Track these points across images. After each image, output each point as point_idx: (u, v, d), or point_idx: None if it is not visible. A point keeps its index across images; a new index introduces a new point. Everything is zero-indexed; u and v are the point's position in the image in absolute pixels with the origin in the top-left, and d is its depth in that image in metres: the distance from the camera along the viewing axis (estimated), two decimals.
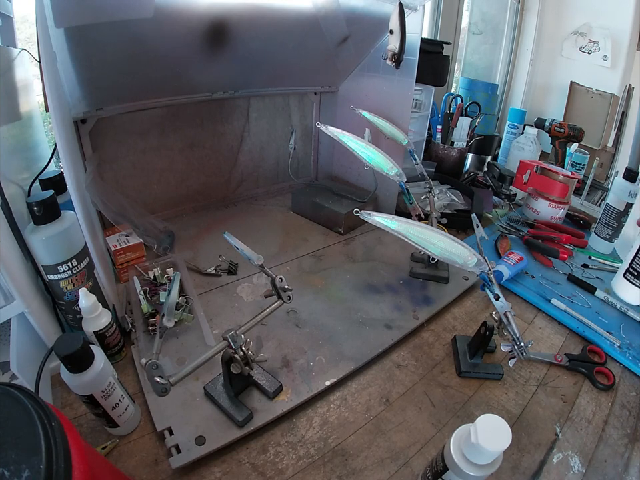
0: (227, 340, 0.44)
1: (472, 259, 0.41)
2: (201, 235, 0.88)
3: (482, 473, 0.34)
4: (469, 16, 1.45)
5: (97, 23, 0.53)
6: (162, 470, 0.43)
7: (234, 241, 0.47)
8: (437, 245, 0.41)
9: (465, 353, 0.59)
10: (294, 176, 1.07)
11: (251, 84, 0.91)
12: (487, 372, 0.57)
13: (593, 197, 1.31)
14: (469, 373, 0.57)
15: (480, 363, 0.58)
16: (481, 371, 0.57)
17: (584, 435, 0.50)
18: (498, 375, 0.57)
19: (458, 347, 0.60)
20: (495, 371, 0.57)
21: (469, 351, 0.59)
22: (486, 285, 0.41)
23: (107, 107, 0.72)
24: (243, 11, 0.66)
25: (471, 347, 0.59)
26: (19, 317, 0.47)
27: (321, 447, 0.47)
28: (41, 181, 0.60)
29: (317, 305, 0.68)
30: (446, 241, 0.41)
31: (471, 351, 0.58)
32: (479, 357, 0.57)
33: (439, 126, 1.19)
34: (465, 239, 0.93)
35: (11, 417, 0.23)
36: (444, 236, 0.41)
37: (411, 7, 0.76)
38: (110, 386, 0.42)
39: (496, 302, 0.40)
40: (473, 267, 0.40)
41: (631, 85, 1.26)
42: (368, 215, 0.41)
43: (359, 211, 0.42)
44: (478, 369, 0.57)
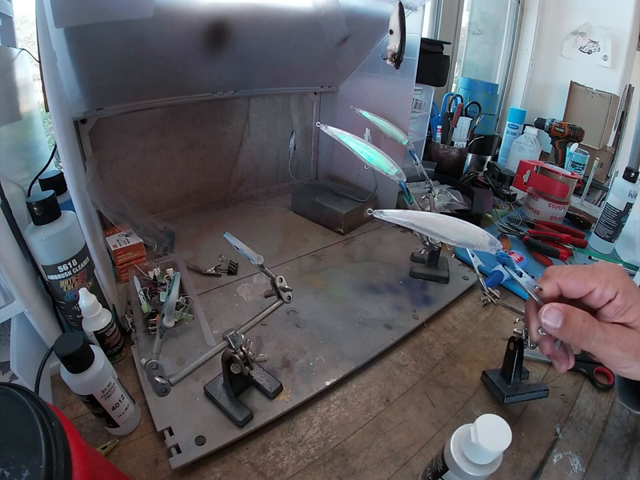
0: (227, 340, 0.44)
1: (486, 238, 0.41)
2: (201, 235, 0.88)
3: (482, 472, 0.34)
4: (469, 16, 1.45)
5: (97, 23, 0.53)
6: (162, 470, 0.43)
7: (234, 241, 0.47)
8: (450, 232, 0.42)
9: (501, 382, 0.54)
10: (294, 176, 1.07)
11: (251, 84, 0.91)
12: (531, 391, 0.52)
13: (593, 197, 1.31)
14: (514, 397, 0.51)
15: (520, 385, 0.53)
16: (525, 391, 0.52)
17: (584, 435, 0.50)
18: (544, 392, 0.53)
19: (492, 379, 0.55)
20: (539, 389, 0.53)
21: (504, 378, 0.54)
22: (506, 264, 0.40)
23: (106, 107, 0.72)
24: (243, 11, 0.66)
25: (505, 372, 0.54)
26: (19, 317, 0.47)
27: (321, 446, 0.47)
28: (41, 181, 0.60)
29: (317, 305, 0.68)
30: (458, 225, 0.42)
31: (507, 375, 0.53)
32: (517, 378, 0.53)
33: (439, 126, 1.19)
34: None
35: (11, 417, 0.23)
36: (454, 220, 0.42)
37: (411, 7, 0.76)
38: (110, 386, 0.42)
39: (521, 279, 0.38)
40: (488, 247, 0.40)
41: (631, 84, 1.26)
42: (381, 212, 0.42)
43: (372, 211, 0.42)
44: (522, 390, 0.52)
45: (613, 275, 0.35)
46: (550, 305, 0.35)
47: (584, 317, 0.34)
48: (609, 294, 0.35)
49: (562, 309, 0.35)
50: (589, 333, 0.34)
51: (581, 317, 0.34)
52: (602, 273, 0.36)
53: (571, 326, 0.34)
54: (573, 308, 0.35)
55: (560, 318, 0.34)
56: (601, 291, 0.35)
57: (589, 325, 0.34)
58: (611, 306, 0.35)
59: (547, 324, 0.35)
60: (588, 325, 0.34)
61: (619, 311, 0.35)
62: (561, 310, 0.35)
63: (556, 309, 0.35)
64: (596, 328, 0.34)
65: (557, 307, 0.35)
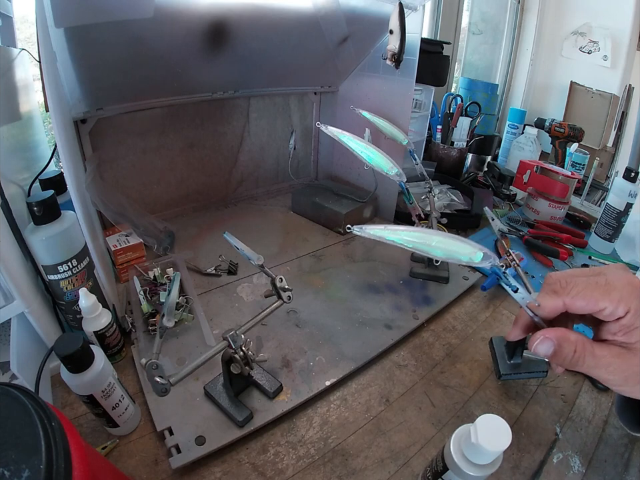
0: (227, 340, 0.44)
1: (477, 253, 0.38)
2: (201, 235, 0.88)
3: (482, 472, 0.34)
4: (469, 16, 1.45)
5: (97, 23, 0.53)
6: (162, 470, 0.43)
7: (234, 241, 0.47)
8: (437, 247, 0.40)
9: (502, 355, 0.53)
10: (294, 176, 1.07)
11: (251, 84, 0.91)
12: (529, 371, 0.51)
13: (593, 197, 1.31)
14: (509, 375, 0.51)
15: (520, 363, 0.52)
16: (522, 371, 0.51)
17: (584, 435, 0.50)
18: (542, 373, 0.51)
19: (495, 349, 0.54)
20: (537, 369, 0.51)
21: (507, 352, 0.53)
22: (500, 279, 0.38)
23: (107, 107, 0.72)
24: (243, 11, 0.66)
25: (508, 347, 0.53)
26: (19, 317, 0.47)
27: (321, 446, 0.47)
28: (41, 181, 0.60)
29: (317, 305, 0.68)
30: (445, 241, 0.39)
31: (509, 351, 0.52)
32: (518, 356, 0.52)
33: (439, 126, 1.19)
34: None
35: (11, 417, 0.23)
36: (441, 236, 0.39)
37: (411, 7, 0.76)
38: (110, 386, 0.42)
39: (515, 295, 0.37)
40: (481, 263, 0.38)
41: (631, 84, 1.26)
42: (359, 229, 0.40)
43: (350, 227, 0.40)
44: (519, 369, 0.51)
45: (627, 292, 0.34)
46: (543, 336, 0.35)
47: (576, 346, 0.34)
48: (619, 312, 0.34)
49: (554, 339, 0.34)
50: (578, 361, 0.34)
51: (573, 348, 0.34)
52: (615, 291, 0.34)
53: (561, 356, 0.34)
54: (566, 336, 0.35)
55: (551, 348, 0.34)
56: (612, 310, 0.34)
57: (579, 355, 0.34)
58: (617, 324, 0.34)
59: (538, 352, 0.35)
60: (578, 355, 0.34)
61: (623, 330, 0.34)
62: (553, 341, 0.34)
63: (549, 340, 0.35)
64: (586, 356, 0.34)
65: (550, 338, 0.34)
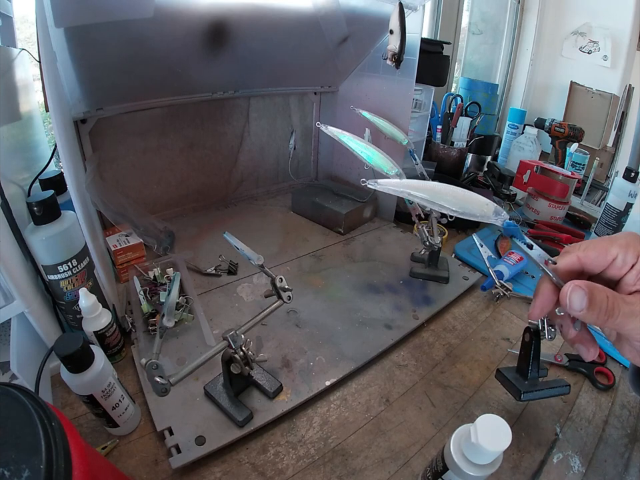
0: (227, 340, 0.44)
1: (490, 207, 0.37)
2: (201, 235, 0.88)
3: (482, 472, 0.34)
4: (469, 16, 1.45)
5: (97, 23, 0.54)
6: (162, 470, 0.43)
7: (234, 241, 0.47)
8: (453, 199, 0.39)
9: (517, 379, 0.49)
10: (294, 176, 1.07)
11: (251, 84, 0.91)
12: (550, 387, 0.48)
13: (593, 197, 1.31)
14: (532, 394, 0.47)
15: (538, 380, 0.48)
16: (543, 387, 0.47)
17: (584, 435, 0.50)
18: (565, 388, 0.48)
19: (507, 376, 0.50)
20: (559, 384, 0.48)
21: (520, 374, 0.49)
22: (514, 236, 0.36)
23: (107, 107, 0.72)
24: (243, 11, 0.66)
25: (520, 368, 0.50)
26: (19, 317, 0.47)
27: (321, 446, 0.47)
28: (41, 181, 0.60)
29: (317, 305, 0.68)
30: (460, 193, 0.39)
31: (523, 371, 0.49)
32: (534, 372, 0.48)
33: (439, 126, 1.19)
34: (464, 239, 0.93)
35: (11, 416, 0.23)
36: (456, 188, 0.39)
37: (411, 7, 0.76)
38: (110, 386, 0.42)
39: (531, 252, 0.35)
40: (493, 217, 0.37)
41: (631, 84, 1.26)
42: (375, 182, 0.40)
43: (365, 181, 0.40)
44: (540, 386, 0.47)
45: (632, 239, 0.33)
46: (573, 284, 0.32)
47: (607, 292, 0.32)
48: (630, 259, 0.32)
49: (585, 287, 0.31)
50: (614, 309, 0.31)
51: (605, 294, 0.31)
52: (620, 239, 0.33)
53: (596, 305, 0.31)
54: (595, 284, 0.32)
55: (585, 297, 0.31)
56: (623, 257, 0.33)
57: (613, 301, 0.31)
58: (633, 271, 0.33)
59: (573, 305, 0.32)
60: (612, 301, 0.31)
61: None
62: (584, 289, 0.31)
63: (579, 287, 0.31)
64: (620, 302, 0.31)
65: (580, 286, 0.31)
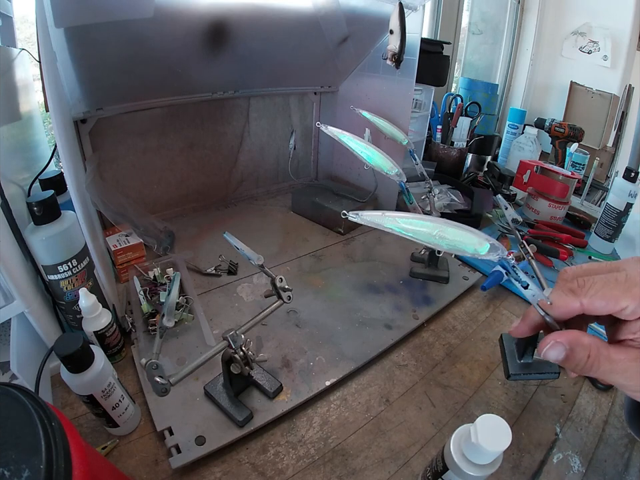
0: (227, 340, 0.44)
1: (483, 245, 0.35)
2: (201, 235, 0.88)
3: (482, 472, 0.34)
4: (469, 16, 1.45)
5: (97, 23, 0.54)
6: (162, 470, 0.43)
7: (234, 241, 0.47)
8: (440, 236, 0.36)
9: (512, 353, 0.50)
10: (294, 176, 1.07)
11: (251, 84, 0.91)
12: (540, 372, 0.48)
13: (593, 197, 1.31)
14: (519, 376, 0.48)
15: (532, 363, 0.49)
16: (532, 371, 0.48)
17: (584, 435, 0.50)
18: (554, 374, 0.48)
19: (505, 346, 0.51)
20: (550, 370, 0.48)
21: (517, 351, 0.50)
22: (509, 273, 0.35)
23: (106, 107, 0.72)
24: (243, 11, 0.66)
25: (519, 345, 0.50)
26: (19, 317, 0.47)
27: (321, 446, 0.47)
28: (41, 181, 0.60)
29: (317, 305, 0.68)
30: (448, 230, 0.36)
31: (520, 349, 0.49)
32: (529, 355, 0.49)
33: (439, 126, 1.19)
34: None
35: (11, 416, 0.23)
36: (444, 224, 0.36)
37: (411, 7, 0.76)
38: (110, 386, 0.42)
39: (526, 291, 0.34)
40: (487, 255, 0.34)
41: (631, 84, 1.26)
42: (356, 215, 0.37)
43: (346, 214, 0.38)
44: (529, 369, 0.48)
45: None
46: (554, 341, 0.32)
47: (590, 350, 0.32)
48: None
49: (566, 344, 0.31)
50: (592, 367, 0.31)
51: (586, 352, 0.31)
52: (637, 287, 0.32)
53: (573, 361, 0.32)
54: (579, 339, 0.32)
55: (562, 354, 0.32)
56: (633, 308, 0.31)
57: (593, 360, 0.31)
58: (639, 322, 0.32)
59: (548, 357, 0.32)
60: (592, 360, 0.31)
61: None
62: (565, 345, 0.31)
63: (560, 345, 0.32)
64: (601, 361, 0.31)
65: (561, 343, 0.32)
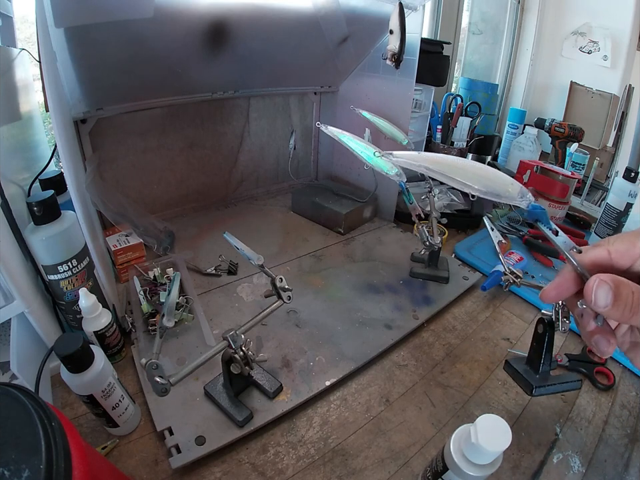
0: (227, 340, 0.44)
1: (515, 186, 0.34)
2: (201, 235, 0.88)
3: (482, 473, 0.34)
4: (469, 16, 1.45)
5: (97, 23, 0.54)
6: (162, 470, 0.44)
7: (234, 241, 0.47)
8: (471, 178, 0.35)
9: (527, 372, 0.48)
10: (294, 176, 1.07)
11: (251, 84, 0.91)
12: (563, 382, 0.47)
13: (593, 197, 1.30)
14: (544, 388, 0.46)
15: (549, 374, 0.47)
16: (555, 382, 0.46)
17: (584, 435, 0.50)
18: (577, 383, 0.47)
19: (516, 367, 0.50)
20: (571, 379, 0.47)
21: (531, 367, 0.48)
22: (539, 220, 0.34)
23: (107, 107, 0.72)
24: (243, 11, 0.66)
25: (532, 360, 0.48)
26: (19, 317, 0.47)
27: (321, 446, 0.47)
28: (41, 181, 0.60)
29: (317, 305, 0.68)
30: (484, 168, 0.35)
31: (534, 364, 0.48)
32: (546, 365, 0.46)
33: (439, 126, 1.19)
34: (464, 239, 0.93)
35: (11, 416, 0.23)
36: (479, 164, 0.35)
37: (411, 7, 0.76)
38: (110, 386, 0.42)
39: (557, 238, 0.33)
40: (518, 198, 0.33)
41: (631, 84, 1.26)
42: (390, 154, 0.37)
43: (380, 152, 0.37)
44: (551, 381, 0.46)
45: None
46: (598, 279, 0.30)
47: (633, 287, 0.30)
48: None
49: (611, 282, 0.30)
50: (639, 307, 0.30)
51: (630, 289, 0.30)
52: None
53: (622, 301, 0.30)
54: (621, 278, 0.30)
55: (610, 293, 0.30)
56: None
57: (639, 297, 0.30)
58: None
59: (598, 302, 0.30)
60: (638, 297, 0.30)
61: None
62: (609, 283, 0.30)
63: (605, 282, 0.30)
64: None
65: (605, 280, 0.30)
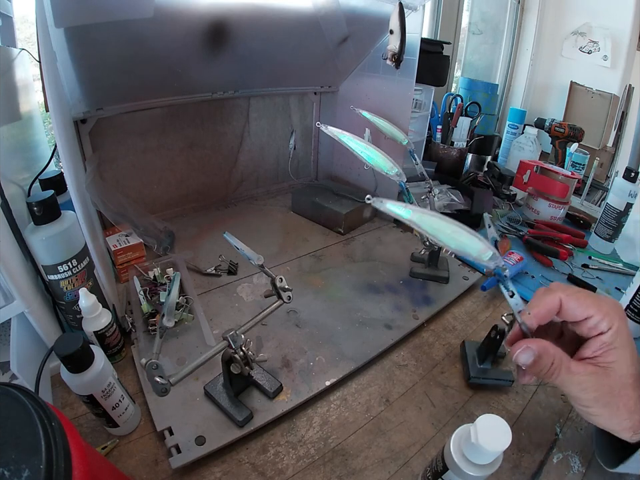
0: (227, 340, 0.44)
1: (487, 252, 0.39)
2: (201, 235, 0.88)
3: (482, 472, 0.34)
4: (469, 16, 1.45)
5: (97, 23, 0.54)
6: (162, 470, 0.43)
7: (234, 241, 0.47)
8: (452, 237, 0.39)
9: (474, 359, 0.56)
10: (294, 176, 1.07)
11: (251, 84, 0.91)
12: (497, 378, 0.55)
13: (593, 197, 1.31)
14: (478, 379, 0.54)
15: (490, 369, 0.55)
16: (490, 376, 0.54)
17: (584, 435, 0.50)
18: (508, 382, 0.55)
19: (467, 352, 0.58)
20: (505, 377, 0.55)
21: (478, 357, 0.56)
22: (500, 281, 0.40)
23: (107, 107, 0.72)
24: (243, 11, 0.66)
25: (480, 352, 0.56)
26: (19, 317, 0.47)
27: (321, 446, 0.47)
28: (41, 181, 0.60)
29: (317, 305, 0.68)
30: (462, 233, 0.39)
31: (481, 356, 0.56)
32: (488, 362, 0.55)
33: (439, 126, 1.19)
34: None
35: (11, 416, 0.23)
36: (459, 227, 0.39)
37: (411, 7, 0.76)
38: (110, 386, 0.42)
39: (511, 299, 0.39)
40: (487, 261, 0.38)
41: (631, 84, 1.26)
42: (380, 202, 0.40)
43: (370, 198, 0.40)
44: (487, 374, 0.55)
45: (614, 310, 0.36)
46: (525, 345, 0.37)
47: (554, 359, 0.36)
48: (603, 326, 0.36)
49: (536, 349, 0.36)
50: (553, 374, 0.36)
51: (550, 360, 0.36)
52: (604, 304, 0.36)
53: (538, 367, 0.36)
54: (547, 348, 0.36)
55: (531, 358, 0.36)
56: (597, 321, 0.36)
57: (555, 368, 0.36)
58: (598, 340, 0.36)
59: (519, 361, 0.37)
60: (554, 368, 0.36)
61: (603, 348, 0.36)
62: (534, 351, 0.36)
63: (530, 349, 0.36)
64: (562, 371, 0.36)
65: (531, 348, 0.36)
